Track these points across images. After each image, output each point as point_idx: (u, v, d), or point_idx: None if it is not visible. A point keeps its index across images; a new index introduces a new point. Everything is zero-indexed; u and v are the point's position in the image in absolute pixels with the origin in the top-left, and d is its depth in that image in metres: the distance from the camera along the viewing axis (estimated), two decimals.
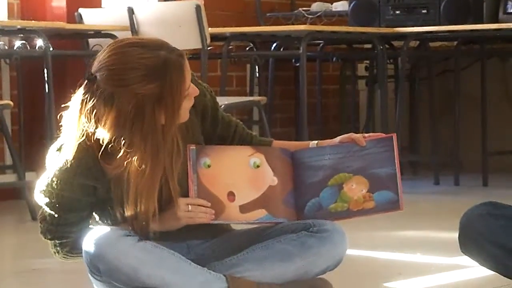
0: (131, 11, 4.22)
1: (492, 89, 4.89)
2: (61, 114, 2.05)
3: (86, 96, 1.98)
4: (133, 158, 1.99)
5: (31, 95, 4.37)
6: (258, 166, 2.10)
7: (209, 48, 4.19)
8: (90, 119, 1.98)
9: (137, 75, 1.96)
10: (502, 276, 2.21)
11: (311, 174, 2.10)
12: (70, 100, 2.03)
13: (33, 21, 4.11)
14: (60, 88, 3.84)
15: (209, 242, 2.17)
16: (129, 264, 1.98)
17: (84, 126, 2.00)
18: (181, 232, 2.11)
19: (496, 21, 4.56)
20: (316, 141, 2.17)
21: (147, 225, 2.03)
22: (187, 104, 2.03)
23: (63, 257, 2.13)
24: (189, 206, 2.06)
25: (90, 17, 4.32)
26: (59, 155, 2.04)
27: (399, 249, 3.04)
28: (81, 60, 4.33)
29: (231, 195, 2.08)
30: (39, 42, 3.95)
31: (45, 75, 3.89)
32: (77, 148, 2.02)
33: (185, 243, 2.14)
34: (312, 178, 2.10)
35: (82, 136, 2.01)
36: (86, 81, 1.98)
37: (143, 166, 1.98)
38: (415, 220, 3.62)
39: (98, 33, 4.23)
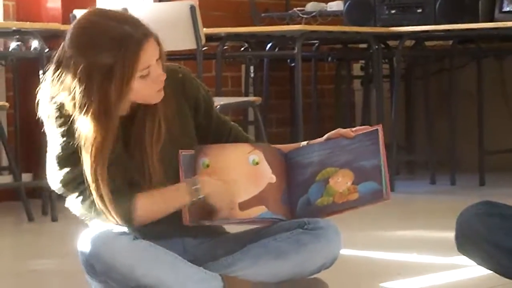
0: (125, 12, 4.21)
1: (488, 88, 4.89)
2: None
3: (56, 58, 2.07)
4: (86, 124, 2.02)
5: (27, 97, 4.36)
6: (257, 163, 2.11)
7: (204, 49, 4.19)
8: (57, 82, 2.05)
9: (95, 42, 2.01)
10: (499, 276, 2.21)
11: (301, 172, 2.12)
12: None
13: (28, 22, 4.10)
14: None
15: (205, 243, 2.17)
16: (125, 263, 1.98)
17: (54, 90, 2.06)
18: (177, 230, 2.11)
19: (492, 20, 4.56)
20: (306, 142, 2.18)
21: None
22: (150, 86, 2.03)
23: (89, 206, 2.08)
24: None
25: None
26: (50, 121, 2.08)
27: (395, 249, 3.04)
28: None
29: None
30: (35, 43, 3.94)
31: (41, 76, 3.88)
32: (57, 106, 2.08)
33: (181, 242, 2.14)
34: (302, 176, 2.12)
35: (55, 101, 2.07)
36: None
37: (94, 133, 2.01)
38: (411, 220, 3.63)
39: None
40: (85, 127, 2.02)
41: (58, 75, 2.05)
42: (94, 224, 2.09)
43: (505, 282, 2.24)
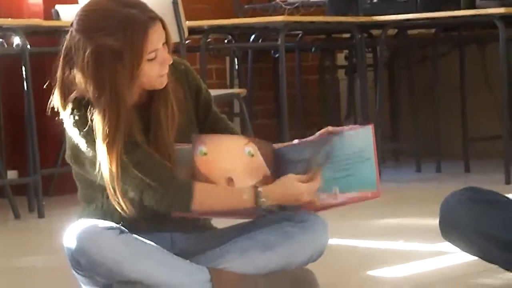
0: None
1: (471, 75, 4.91)
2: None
3: (66, 44, 2.05)
4: (98, 108, 2.01)
5: (10, 93, 4.35)
6: (252, 155, 2.12)
7: (187, 42, 4.18)
8: (68, 69, 2.04)
9: (102, 25, 2.01)
10: (484, 261, 2.23)
11: (292, 168, 2.12)
12: (49, 97, 2.07)
13: (9, 18, 4.08)
14: (39, 85, 3.81)
15: (193, 237, 2.18)
16: (111, 258, 1.98)
17: (66, 76, 2.05)
18: (166, 223, 2.11)
19: (473, 7, 4.58)
20: (296, 140, 2.19)
21: (254, 193, 2.02)
22: (156, 69, 2.03)
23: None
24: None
25: (67, 14, 4.30)
26: (73, 115, 2.06)
27: (382, 237, 3.05)
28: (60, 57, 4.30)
29: (230, 181, 2.09)
30: (16, 40, 3.92)
31: (23, 72, 3.87)
32: (73, 103, 2.06)
33: (169, 236, 2.15)
34: (291, 172, 2.12)
35: (70, 89, 2.05)
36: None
37: (105, 116, 2.01)
38: (397, 208, 3.64)
39: None
40: (98, 114, 2.01)
41: (68, 63, 2.03)
42: (79, 220, 2.10)
43: (489, 268, 2.25)
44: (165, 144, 2.07)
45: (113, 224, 2.05)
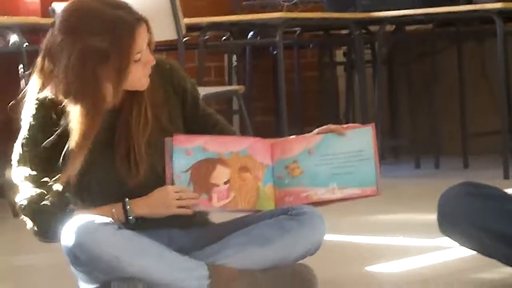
0: None
1: (469, 71, 4.91)
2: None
3: (45, 45, 2.03)
4: (76, 113, 2.00)
5: (8, 91, 4.34)
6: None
7: (185, 39, 4.17)
8: (45, 70, 2.02)
9: (87, 26, 1.99)
10: (482, 255, 2.23)
11: None
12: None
13: (6, 16, 4.07)
14: None
15: (191, 233, 2.17)
16: (110, 253, 1.98)
17: (42, 79, 2.03)
18: (163, 221, 2.11)
19: (471, 2, 4.58)
20: (293, 136, 2.19)
21: (122, 204, 2.03)
22: (141, 71, 2.03)
23: (43, 236, 2.09)
24: (178, 193, 2.07)
25: None
26: (25, 116, 2.07)
27: (380, 233, 3.05)
28: None
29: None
30: (13, 38, 3.92)
31: (21, 70, 3.86)
32: (39, 105, 2.05)
33: (167, 233, 2.14)
34: None
35: (42, 91, 2.04)
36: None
37: (82, 119, 2.00)
38: (396, 204, 3.64)
39: None
40: (75, 116, 2.00)
41: (47, 63, 2.01)
42: (77, 215, 2.09)
43: (488, 262, 2.25)
44: (129, 148, 2.05)
45: (111, 220, 2.05)
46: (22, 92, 2.08)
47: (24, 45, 3.87)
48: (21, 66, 3.86)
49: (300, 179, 2.14)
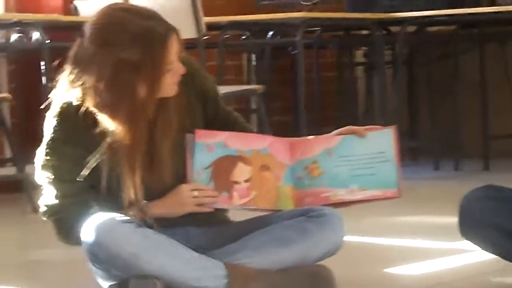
0: (145, 6, 4.19)
1: (491, 73, 4.87)
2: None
3: (74, 57, 2.01)
4: (113, 126, 1.99)
5: (29, 88, 4.36)
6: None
7: (205, 38, 4.17)
8: (75, 82, 2.00)
9: (119, 39, 1.97)
10: (503, 259, 2.21)
11: None
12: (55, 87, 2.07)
13: (29, 14, 4.10)
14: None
15: (209, 231, 2.17)
16: (128, 251, 1.98)
17: (72, 90, 2.02)
18: (181, 218, 2.11)
19: (494, 4, 4.55)
20: (312, 136, 2.18)
21: (140, 205, 2.02)
22: (170, 79, 2.02)
23: (64, 239, 2.12)
24: (195, 192, 2.07)
25: (86, 9, 4.30)
26: (50, 123, 2.05)
27: (399, 235, 3.04)
28: None
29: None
30: (35, 35, 3.94)
31: (42, 67, 3.88)
32: (65, 115, 2.04)
33: (185, 231, 2.14)
34: None
35: (69, 102, 2.03)
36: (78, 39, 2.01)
37: (123, 136, 1.99)
38: (415, 206, 3.62)
39: None
40: (116, 129, 1.98)
41: (77, 73, 1.98)
42: (96, 213, 2.09)
43: (509, 266, 2.23)
44: (153, 154, 2.04)
45: (129, 218, 2.04)
46: (47, 100, 2.08)
47: (46, 42, 3.89)
48: (42, 63, 3.88)
49: (320, 180, 2.13)
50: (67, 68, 2.03)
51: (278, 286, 2.05)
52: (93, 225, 2.02)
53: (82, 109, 2.02)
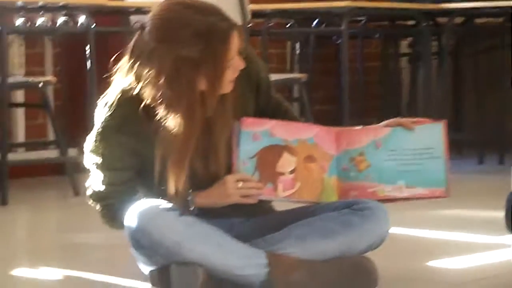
0: (207, 2, 4.18)
1: None
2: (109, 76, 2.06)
3: (134, 48, 2.00)
4: (169, 120, 1.98)
5: (74, 71, 4.39)
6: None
7: (249, 25, 4.16)
8: (133, 73, 1.99)
9: (180, 35, 1.95)
10: None
11: None
12: (111, 76, 2.06)
13: None
14: (102, 64, 3.84)
15: (251, 221, 2.16)
16: (171, 238, 1.98)
17: (128, 81, 2.01)
18: (224, 209, 2.10)
19: None
20: (361, 126, 2.15)
21: (183, 196, 2.02)
22: (230, 76, 2.01)
23: (110, 224, 2.13)
24: (240, 182, 2.05)
25: None
26: (104, 111, 2.05)
27: (443, 228, 3.00)
28: (123, 36, 4.33)
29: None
30: (82, 19, 3.96)
31: (87, 51, 3.90)
32: (120, 104, 2.03)
33: (228, 220, 2.14)
34: None
35: (126, 92, 2.02)
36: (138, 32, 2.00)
37: (177, 130, 1.98)
38: (459, 199, 3.57)
39: (139, 10, 4.23)
40: (171, 125, 1.97)
41: (137, 66, 1.97)
42: (141, 200, 2.09)
43: None
44: (209, 146, 2.03)
45: (173, 206, 2.04)
46: (98, 88, 2.08)
47: (92, 27, 3.90)
48: (88, 47, 3.90)
49: (366, 174, 2.10)
50: (125, 59, 2.02)
51: (320, 276, 2.03)
52: (137, 211, 2.02)
53: (138, 100, 2.01)
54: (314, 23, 4.93)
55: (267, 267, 2.01)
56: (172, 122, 1.99)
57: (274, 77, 4.31)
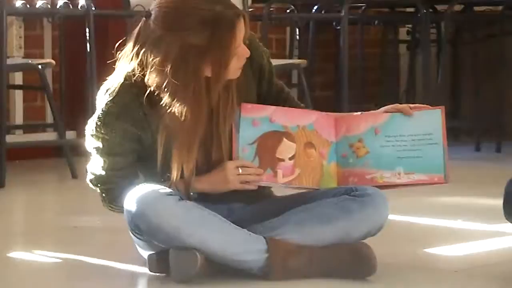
0: None
1: None
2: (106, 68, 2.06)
3: (139, 35, 2.00)
4: (175, 107, 1.99)
5: (73, 54, 4.38)
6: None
7: (250, 10, 4.15)
8: (138, 60, 1.99)
9: (187, 23, 1.95)
10: None
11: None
12: (111, 59, 2.05)
13: None
14: (102, 47, 3.84)
15: (250, 206, 2.17)
16: (170, 223, 1.99)
17: (132, 68, 2.01)
18: (224, 194, 2.10)
19: None
20: (360, 112, 2.15)
21: (188, 182, 2.03)
22: (236, 64, 2.01)
23: (109, 207, 2.14)
24: (239, 168, 2.06)
25: None
26: (106, 97, 2.05)
27: (439, 215, 3.01)
28: (123, 20, 4.32)
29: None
30: (81, 1, 3.94)
31: (87, 34, 3.89)
32: (122, 91, 2.03)
33: (227, 205, 2.14)
34: None
35: (128, 78, 2.02)
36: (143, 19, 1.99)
37: (184, 117, 1.99)
38: (455, 187, 3.57)
39: None
40: (176, 113, 1.98)
41: (142, 53, 1.98)
42: (140, 185, 2.10)
43: None
44: (212, 133, 2.04)
45: (172, 191, 2.05)
46: (96, 70, 2.08)
47: (92, 9, 3.89)
48: (87, 30, 3.89)
49: (365, 160, 2.10)
50: (129, 46, 2.02)
51: (318, 262, 2.04)
52: (136, 196, 2.02)
53: (141, 88, 2.01)
54: (314, 9, 4.92)
55: (267, 252, 2.02)
56: (178, 109, 1.99)
57: (275, 62, 4.31)
